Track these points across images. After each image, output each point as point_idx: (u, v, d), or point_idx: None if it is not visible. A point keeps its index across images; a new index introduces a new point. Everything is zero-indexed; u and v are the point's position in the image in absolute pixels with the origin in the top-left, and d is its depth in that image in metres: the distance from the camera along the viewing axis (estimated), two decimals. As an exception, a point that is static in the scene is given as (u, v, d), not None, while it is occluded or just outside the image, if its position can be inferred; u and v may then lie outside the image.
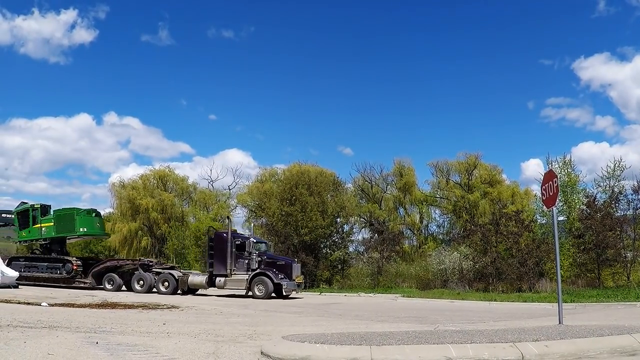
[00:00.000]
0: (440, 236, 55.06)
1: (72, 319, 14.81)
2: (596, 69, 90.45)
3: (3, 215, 37.60)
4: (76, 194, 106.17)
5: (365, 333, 10.76)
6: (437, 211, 57.05)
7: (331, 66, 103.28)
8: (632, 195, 35.00)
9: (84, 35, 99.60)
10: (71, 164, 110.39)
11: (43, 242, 35.39)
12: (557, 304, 13.46)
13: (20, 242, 38.54)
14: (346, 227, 48.53)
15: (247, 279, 29.75)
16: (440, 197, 55.64)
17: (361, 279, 41.37)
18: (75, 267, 33.28)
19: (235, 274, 30.36)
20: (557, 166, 38.65)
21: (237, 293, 30.41)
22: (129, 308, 19.91)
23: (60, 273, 33.66)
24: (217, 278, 30.37)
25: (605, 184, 38.86)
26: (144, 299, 24.66)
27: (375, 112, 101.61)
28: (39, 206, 35.74)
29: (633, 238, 34.24)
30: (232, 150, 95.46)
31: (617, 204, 35.43)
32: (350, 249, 47.62)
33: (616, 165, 38.50)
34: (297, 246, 42.94)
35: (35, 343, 9.76)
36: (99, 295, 27.02)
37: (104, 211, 52.16)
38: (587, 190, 39.35)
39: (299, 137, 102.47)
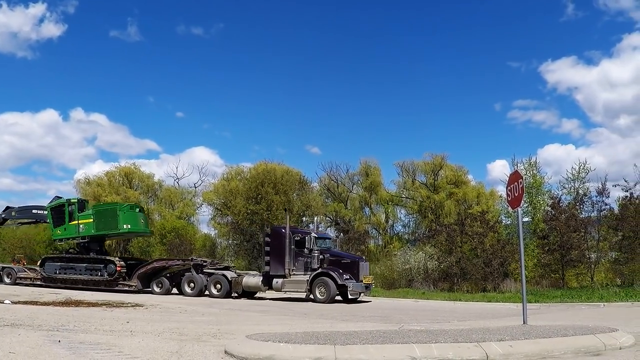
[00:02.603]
0: (406, 236, 55.05)
1: (35, 316, 14.64)
2: (563, 72, 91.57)
3: (34, 211, 35.23)
4: (41, 190, 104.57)
5: (329, 332, 10.73)
6: (402, 211, 57.16)
7: (299, 65, 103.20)
8: (596, 197, 35.51)
9: (53, 30, 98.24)
10: (37, 159, 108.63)
11: (81, 241, 32.69)
12: (521, 304, 13.52)
13: (54, 240, 35.64)
14: (312, 226, 48.54)
15: (307, 280, 26.49)
16: (406, 197, 55.74)
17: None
18: (119, 269, 30.49)
19: (294, 274, 27.25)
20: (522, 167, 38.91)
21: (296, 296, 28.15)
22: (92, 306, 19.78)
23: (101, 275, 31.01)
24: (275, 279, 27.42)
25: (570, 185, 39.41)
26: (109, 297, 24.39)
27: (342, 112, 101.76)
28: (75, 201, 33.57)
29: (597, 239, 34.67)
30: (199, 148, 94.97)
31: (581, 206, 35.91)
32: (316, 248, 47.51)
33: (581, 167, 39.01)
34: (262, 245, 42.79)
35: (-5, 341, 9.56)
36: (63, 293, 26.57)
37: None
38: (552, 191, 39.86)
39: (266, 135, 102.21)
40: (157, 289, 29.98)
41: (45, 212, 33.75)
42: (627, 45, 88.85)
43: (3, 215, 35.57)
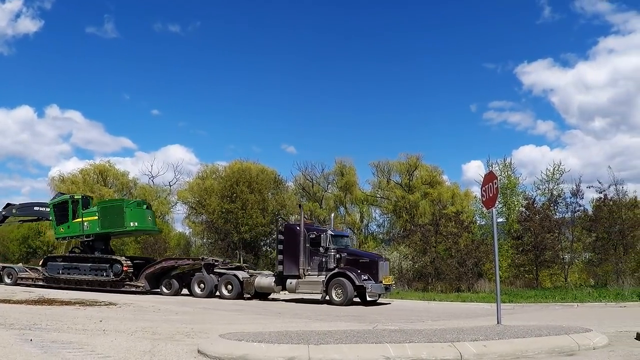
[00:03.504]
0: (380, 236, 55.14)
1: (7, 315, 14.45)
2: (539, 74, 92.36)
3: (35, 208, 33.61)
4: (16, 187, 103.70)
5: (303, 332, 10.70)
6: (377, 211, 57.28)
7: (274, 63, 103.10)
8: (570, 198, 35.95)
9: (29, 25, 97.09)
10: (11, 157, 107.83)
11: (85, 239, 31.16)
12: (495, 304, 13.54)
13: (58, 239, 34.15)
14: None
15: (322, 281, 24.64)
16: (381, 197, 55.84)
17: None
18: (125, 269, 29.00)
19: (309, 274, 25.47)
20: (497, 168, 39.28)
21: (311, 297, 26.27)
22: (66, 305, 19.48)
23: (107, 275, 29.46)
24: (288, 280, 25.75)
25: (544, 186, 39.88)
26: (81, 296, 24.05)
27: (318, 111, 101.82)
28: (79, 197, 32.02)
29: (571, 240, 35.07)
30: (174, 146, 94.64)
31: (555, 207, 36.29)
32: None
33: (556, 168, 39.50)
34: (237, 244, 42.72)
35: (-34, 340, 9.42)
36: (36, 292, 26.09)
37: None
38: (527, 192, 40.22)
39: (242, 134, 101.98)
40: (165, 290, 28.66)
41: (48, 210, 32.45)
42: (602, 48, 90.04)
43: (4, 213, 34.24)
